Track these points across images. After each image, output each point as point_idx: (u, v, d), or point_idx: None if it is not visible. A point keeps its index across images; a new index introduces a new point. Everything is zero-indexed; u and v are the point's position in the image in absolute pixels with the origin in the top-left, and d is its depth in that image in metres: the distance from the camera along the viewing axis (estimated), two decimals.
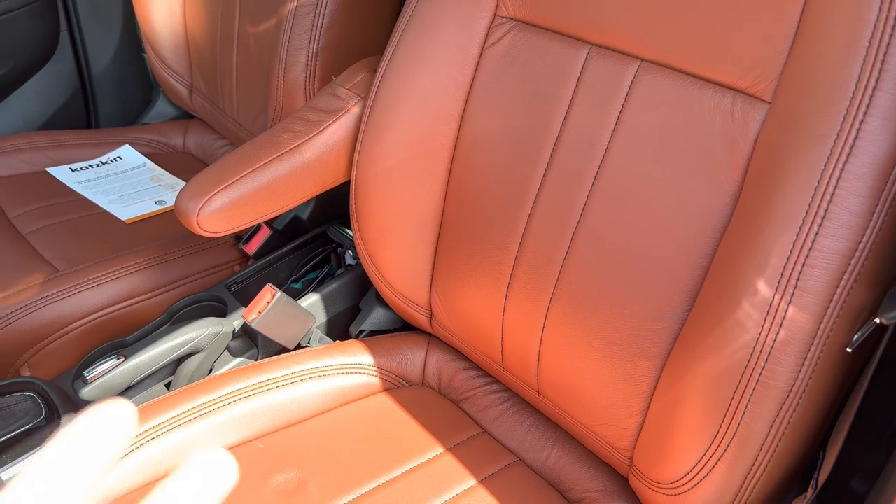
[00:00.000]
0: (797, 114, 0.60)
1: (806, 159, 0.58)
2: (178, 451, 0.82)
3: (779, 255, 0.59)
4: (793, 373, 0.59)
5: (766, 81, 0.64)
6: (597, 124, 0.75)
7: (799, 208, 0.58)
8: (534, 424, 0.91)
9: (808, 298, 0.58)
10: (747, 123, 0.65)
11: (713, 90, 0.67)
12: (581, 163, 0.76)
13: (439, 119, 0.89)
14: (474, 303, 0.89)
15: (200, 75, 1.43)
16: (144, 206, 1.31)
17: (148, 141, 1.52)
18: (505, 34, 0.85)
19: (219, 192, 0.91)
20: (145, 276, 1.12)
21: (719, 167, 0.66)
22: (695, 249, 0.68)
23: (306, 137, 0.97)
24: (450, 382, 0.99)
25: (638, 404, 0.74)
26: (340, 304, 1.10)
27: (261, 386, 0.89)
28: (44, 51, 1.57)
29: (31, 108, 1.60)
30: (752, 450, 0.62)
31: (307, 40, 1.11)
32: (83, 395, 0.93)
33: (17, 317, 1.04)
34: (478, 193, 0.87)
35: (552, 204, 0.79)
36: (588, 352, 0.77)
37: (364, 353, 0.97)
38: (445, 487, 0.82)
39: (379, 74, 0.92)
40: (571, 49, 0.78)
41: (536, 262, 0.81)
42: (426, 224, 0.94)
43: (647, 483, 0.73)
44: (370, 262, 0.98)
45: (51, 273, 1.10)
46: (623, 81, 0.73)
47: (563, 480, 0.86)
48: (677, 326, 0.70)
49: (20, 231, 1.20)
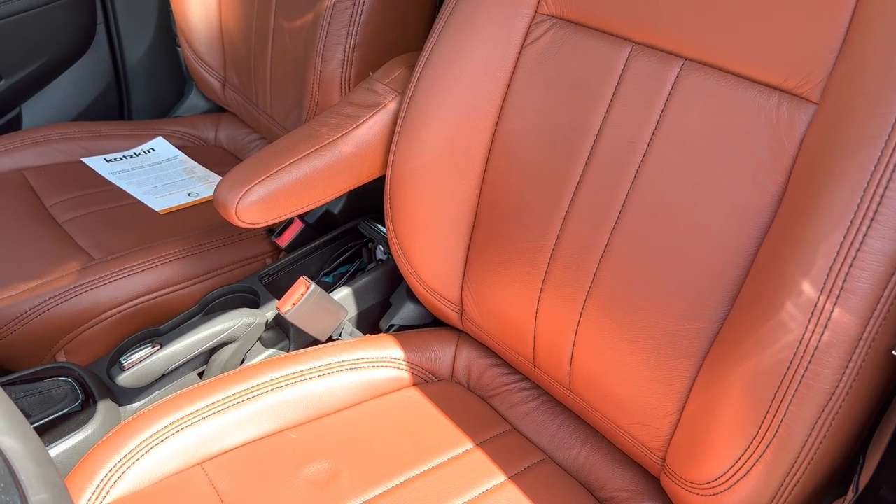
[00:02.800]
0: (845, 115, 0.60)
1: (855, 160, 0.58)
2: (212, 439, 0.83)
3: (825, 255, 0.58)
4: (836, 375, 0.59)
5: (814, 82, 0.63)
6: (638, 123, 0.75)
7: (847, 209, 0.58)
8: (563, 422, 0.91)
9: (854, 300, 0.57)
10: (793, 124, 0.64)
11: (758, 90, 0.67)
12: (621, 161, 0.76)
13: (477, 116, 0.90)
14: (507, 300, 0.90)
15: (234, 69, 1.44)
16: (178, 198, 1.32)
17: (180, 133, 1.53)
18: (545, 32, 0.85)
19: (257, 184, 0.92)
20: (179, 267, 1.13)
21: (763, 167, 0.66)
22: (736, 249, 0.68)
23: (344, 132, 0.97)
24: (479, 379, 0.99)
25: (673, 404, 0.74)
26: (371, 299, 1.11)
27: (294, 377, 0.90)
28: (80, 43, 1.60)
29: (67, 98, 1.62)
30: (792, 452, 0.62)
31: (344, 35, 1.12)
32: (119, 381, 0.94)
33: (54, 303, 1.05)
34: (514, 190, 0.87)
35: (590, 202, 0.79)
36: (623, 351, 0.77)
37: (395, 348, 0.98)
38: (475, 483, 0.82)
39: (417, 70, 0.92)
40: (613, 47, 0.78)
41: (573, 260, 0.81)
42: (460, 220, 0.94)
43: (681, 483, 0.73)
44: (403, 257, 0.99)
45: (87, 261, 1.11)
46: (666, 80, 0.73)
47: (593, 479, 0.86)
48: (716, 326, 0.70)
49: (57, 219, 1.22)
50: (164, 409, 0.83)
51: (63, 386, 0.93)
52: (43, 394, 0.92)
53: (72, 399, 0.91)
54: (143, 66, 1.67)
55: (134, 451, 0.79)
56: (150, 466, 0.80)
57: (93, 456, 0.79)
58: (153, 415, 0.83)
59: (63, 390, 0.93)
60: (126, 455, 0.79)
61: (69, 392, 0.92)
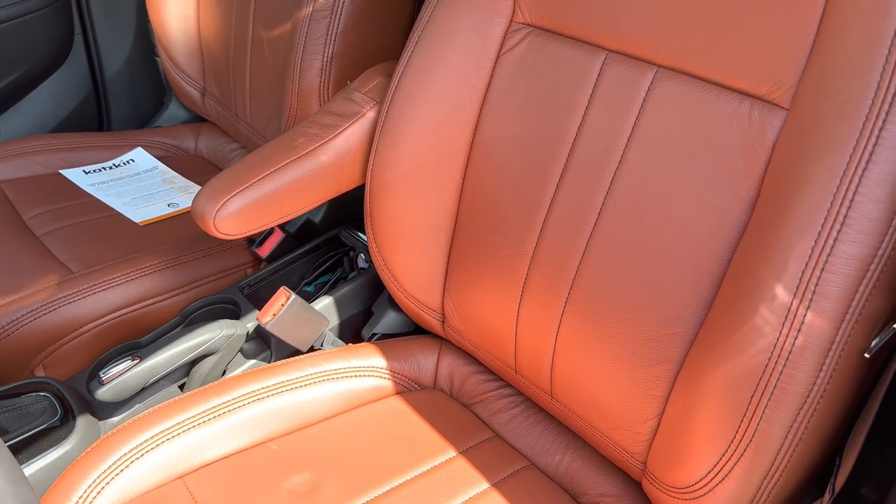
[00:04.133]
0: (815, 120, 0.61)
1: (825, 165, 0.59)
2: (193, 452, 0.83)
3: (797, 260, 0.59)
4: (811, 378, 0.59)
5: (784, 88, 0.64)
6: (613, 130, 0.76)
7: (818, 214, 0.58)
8: (546, 428, 0.92)
9: (826, 304, 0.58)
10: (765, 130, 0.65)
11: (730, 97, 0.68)
12: (597, 168, 0.77)
13: (455, 124, 0.90)
14: (488, 307, 0.90)
15: (213, 79, 1.44)
16: (157, 209, 1.31)
17: (160, 144, 1.53)
18: (521, 40, 0.85)
19: (235, 195, 0.92)
20: (159, 279, 1.13)
21: (736, 173, 0.67)
22: (711, 254, 0.69)
23: (322, 141, 0.97)
24: (462, 386, 0.99)
25: (653, 409, 0.74)
26: (353, 308, 1.11)
27: (275, 388, 0.90)
28: (58, 54, 1.58)
29: (45, 110, 1.61)
30: (769, 454, 0.62)
31: (322, 45, 1.12)
32: (98, 395, 0.94)
33: (32, 318, 1.04)
34: (492, 198, 0.88)
35: (567, 209, 0.79)
36: (603, 356, 0.77)
37: (377, 356, 0.98)
38: (458, 491, 0.82)
39: (395, 79, 0.93)
40: (588, 55, 0.79)
41: (551, 267, 0.81)
42: (440, 228, 0.95)
43: (662, 487, 0.73)
44: (383, 265, 0.99)
45: (65, 274, 1.11)
46: (640, 87, 0.74)
47: (576, 485, 0.86)
48: (693, 331, 0.70)
49: (35, 232, 1.21)
50: (145, 423, 0.83)
51: (42, 401, 0.92)
52: (21, 409, 0.91)
53: (50, 414, 0.90)
54: (122, 76, 1.65)
55: (114, 466, 0.79)
56: (131, 481, 0.79)
57: (72, 471, 0.78)
58: (133, 429, 0.82)
59: (42, 405, 0.92)
60: (106, 470, 0.78)
61: (48, 407, 0.91)
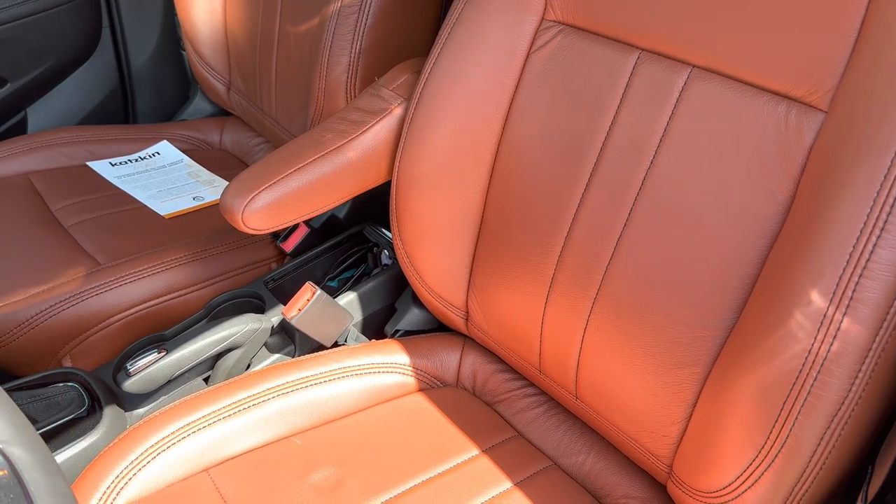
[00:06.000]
0: (855, 124, 0.60)
1: (864, 170, 0.58)
2: (218, 445, 0.83)
3: (834, 265, 0.58)
4: (846, 385, 0.58)
5: (823, 90, 0.63)
6: (645, 131, 0.75)
7: (857, 219, 0.57)
8: (569, 429, 0.91)
9: (863, 310, 0.57)
10: (802, 133, 0.64)
11: (767, 98, 0.67)
12: (628, 169, 0.76)
13: (483, 122, 0.89)
14: (513, 306, 0.89)
15: (239, 73, 1.44)
16: (182, 202, 1.32)
17: (185, 137, 1.53)
18: (552, 38, 0.85)
19: (263, 191, 0.92)
20: (184, 272, 1.13)
21: (771, 176, 0.66)
22: (743, 258, 0.68)
23: (349, 137, 0.97)
24: (484, 384, 0.99)
25: (680, 412, 0.74)
26: (377, 304, 1.11)
27: (299, 383, 0.90)
28: (85, 47, 1.60)
29: (72, 102, 1.62)
30: (801, 462, 0.62)
31: (350, 41, 1.12)
32: (125, 387, 0.94)
33: (59, 308, 1.05)
34: (520, 196, 0.87)
35: (597, 209, 0.79)
36: (630, 358, 0.77)
37: (400, 353, 0.98)
38: (481, 490, 0.82)
39: (423, 76, 0.92)
40: (620, 54, 0.78)
41: (579, 267, 0.80)
42: (466, 225, 0.94)
43: (688, 491, 0.73)
44: (408, 262, 0.99)
45: (92, 266, 1.11)
46: (673, 88, 0.73)
47: (599, 486, 0.86)
48: (723, 334, 0.70)
49: (63, 224, 1.22)
50: (170, 416, 0.83)
51: (69, 391, 0.93)
52: (49, 399, 0.92)
53: (78, 405, 0.91)
54: (148, 69, 1.67)
55: (140, 458, 0.79)
56: (157, 473, 0.79)
57: (99, 462, 0.79)
58: (159, 421, 0.83)
59: (69, 396, 0.93)
60: (132, 461, 0.79)
61: (75, 398, 0.92)
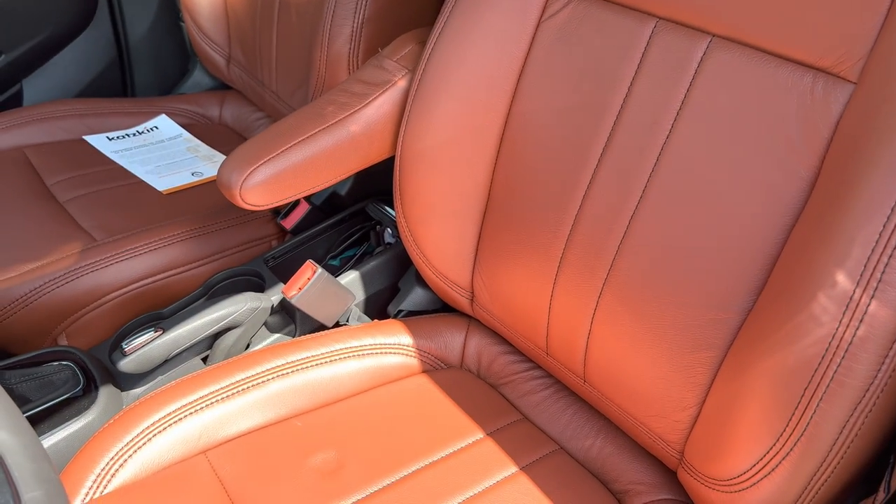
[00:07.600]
0: (886, 96, 0.57)
1: (895, 145, 0.55)
2: (216, 427, 0.81)
3: (862, 245, 0.55)
4: (871, 371, 0.56)
5: (853, 60, 0.60)
6: (661, 103, 0.72)
7: (886, 196, 0.54)
8: (577, 412, 0.89)
9: (892, 293, 0.54)
10: (828, 105, 0.61)
11: (791, 69, 0.63)
12: (642, 143, 0.73)
13: (490, 94, 0.86)
14: (519, 286, 0.87)
15: (239, 46, 1.41)
16: (181, 178, 1.29)
17: (184, 111, 1.50)
18: (564, 6, 0.81)
19: (262, 165, 0.89)
20: (183, 249, 1.11)
21: (794, 151, 0.63)
22: (763, 237, 0.65)
23: (352, 110, 0.94)
24: (489, 366, 0.97)
25: (693, 396, 0.71)
26: (379, 283, 1.08)
27: (300, 363, 0.88)
28: (82, 18, 1.56)
29: (68, 75, 1.59)
30: (821, 450, 0.59)
31: (353, 10, 1.08)
32: (121, 366, 0.92)
33: (55, 285, 1.03)
34: (528, 173, 0.84)
35: (609, 185, 0.76)
36: (641, 341, 0.74)
37: (403, 334, 0.95)
38: (485, 474, 0.80)
39: (429, 46, 0.89)
40: (636, 23, 0.75)
41: (590, 246, 0.78)
42: (472, 203, 0.92)
43: (700, 478, 0.70)
44: (412, 240, 0.96)
45: (88, 242, 1.09)
46: (692, 58, 0.70)
47: (607, 471, 0.84)
48: (740, 317, 0.67)
49: (58, 199, 1.19)
50: (167, 396, 0.81)
51: (64, 370, 0.91)
52: (43, 378, 0.90)
53: (73, 384, 0.89)
54: (147, 41, 1.63)
55: (136, 439, 0.78)
56: (153, 454, 0.78)
57: (94, 443, 0.77)
58: (156, 401, 0.81)
59: (64, 375, 0.91)
60: (128, 442, 0.77)
61: (70, 377, 0.90)
